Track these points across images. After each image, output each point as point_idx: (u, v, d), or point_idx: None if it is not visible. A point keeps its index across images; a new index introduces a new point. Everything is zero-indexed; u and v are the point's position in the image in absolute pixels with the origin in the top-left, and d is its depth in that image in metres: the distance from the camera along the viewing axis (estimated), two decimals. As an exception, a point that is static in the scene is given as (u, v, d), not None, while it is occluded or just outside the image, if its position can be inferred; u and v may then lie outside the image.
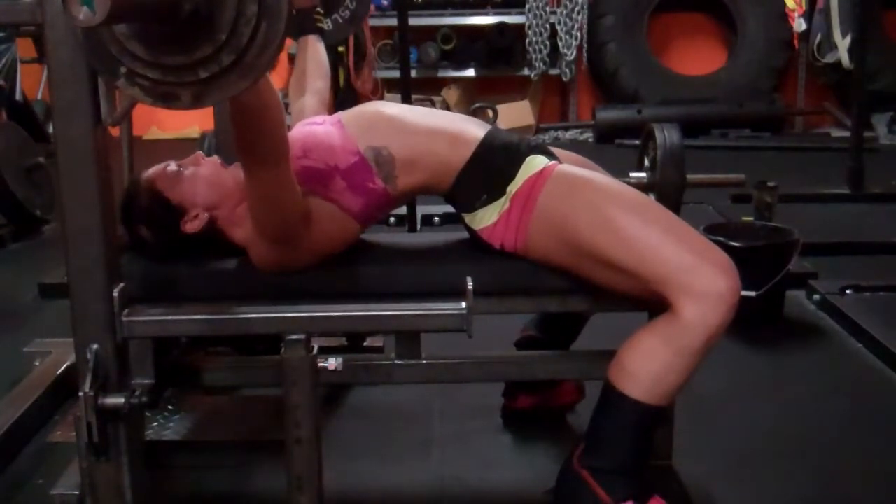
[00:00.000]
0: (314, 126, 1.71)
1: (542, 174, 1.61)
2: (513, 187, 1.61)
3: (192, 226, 1.63)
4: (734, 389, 2.24)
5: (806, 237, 2.64)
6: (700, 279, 1.49)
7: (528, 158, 1.64)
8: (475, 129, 1.69)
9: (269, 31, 1.19)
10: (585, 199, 1.58)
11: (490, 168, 1.64)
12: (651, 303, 1.58)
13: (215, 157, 1.73)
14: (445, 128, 1.68)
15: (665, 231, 1.54)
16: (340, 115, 1.73)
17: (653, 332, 1.53)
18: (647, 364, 1.51)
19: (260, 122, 1.43)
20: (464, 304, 1.52)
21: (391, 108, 1.74)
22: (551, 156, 1.70)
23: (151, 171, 1.67)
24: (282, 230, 1.57)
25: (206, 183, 1.64)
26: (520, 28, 6.01)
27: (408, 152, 1.64)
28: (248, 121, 1.42)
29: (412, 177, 1.66)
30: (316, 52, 2.13)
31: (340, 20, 2.52)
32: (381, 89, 6.07)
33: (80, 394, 1.41)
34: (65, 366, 2.22)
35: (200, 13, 1.17)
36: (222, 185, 1.65)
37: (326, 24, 2.20)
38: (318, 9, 2.16)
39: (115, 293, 1.44)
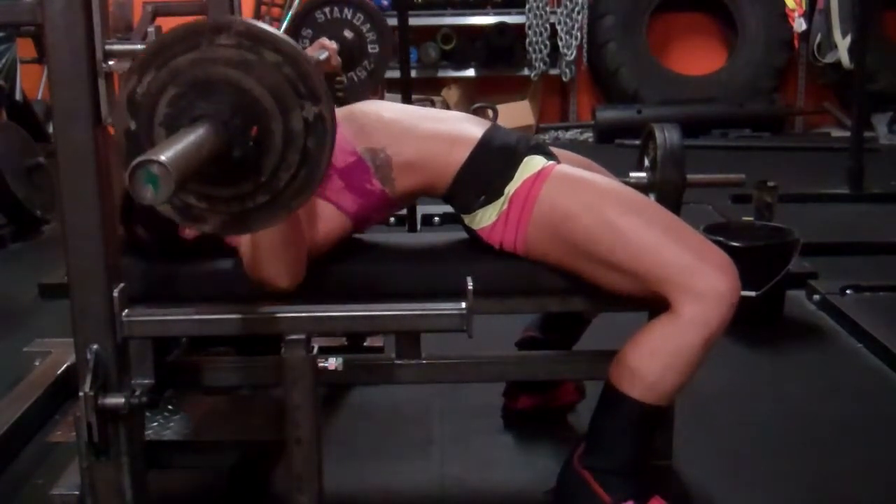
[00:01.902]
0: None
1: (540, 174, 1.61)
2: (511, 188, 1.61)
3: (190, 232, 1.64)
4: (734, 389, 2.24)
5: (806, 237, 2.64)
6: (700, 279, 1.49)
7: (526, 159, 1.64)
8: (473, 130, 1.68)
9: (307, 177, 1.25)
10: (584, 199, 1.58)
11: (487, 169, 1.63)
12: (651, 303, 1.58)
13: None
14: (442, 129, 1.68)
15: (665, 231, 1.55)
16: (336, 113, 1.72)
17: (653, 332, 1.53)
18: (648, 364, 1.51)
19: (277, 237, 1.49)
20: (464, 304, 1.52)
21: (387, 109, 1.73)
22: (550, 156, 1.70)
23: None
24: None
25: None
26: (520, 28, 6.01)
27: (405, 155, 1.64)
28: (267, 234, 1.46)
29: (410, 179, 1.65)
30: None
31: (356, 79, 2.54)
32: (381, 89, 6.06)
33: (80, 394, 1.41)
34: (65, 366, 2.22)
35: (247, 158, 1.22)
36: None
37: (344, 83, 2.22)
38: (340, 77, 2.17)
39: (115, 293, 1.44)
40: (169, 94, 1.22)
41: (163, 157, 1.05)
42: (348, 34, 2.56)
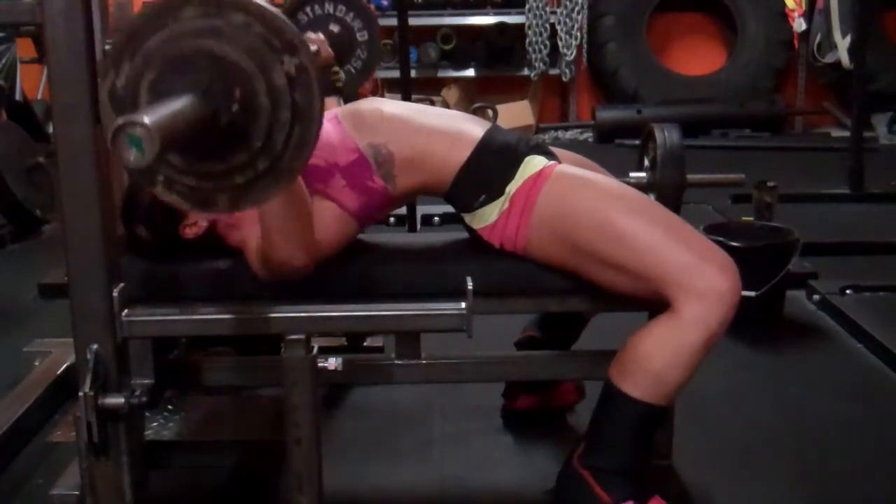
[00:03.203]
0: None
1: (541, 174, 1.61)
2: (512, 187, 1.61)
3: (190, 231, 1.64)
4: (734, 389, 2.24)
5: (806, 237, 2.64)
6: (701, 279, 1.49)
7: (527, 158, 1.64)
8: (474, 129, 1.68)
9: (303, 134, 1.22)
10: (585, 199, 1.58)
11: (488, 169, 1.63)
12: (651, 302, 1.58)
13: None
14: (444, 127, 1.68)
15: (665, 231, 1.55)
16: (337, 111, 1.72)
17: (654, 332, 1.53)
18: (648, 363, 1.51)
19: (286, 211, 1.48)
20: (464, 304, 1.52)
21: (389, 106, 1.73)
22: (551, 156, 1.70)
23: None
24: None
25: None
26: (520, 28, 6.01)
27: (407, 152, 1.64)
28: (276, 210, 1.47)
29: (411, 177, 1.65)
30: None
31: (353, 70, 2.54)
32: (380, 89, 6.07)
33: (80, 394, 1.41)
34: (65, 366, 2.22)
35: (236, 124, 1.20)
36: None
37: (341, 75, 2.22)
38: (335, 68, 2.17)
39: (115, 293, 1.44)
40: (147, 79, 1.20)
41: (144, 118, 1.03)
42: (334, 28, 2.55)
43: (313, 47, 2.12)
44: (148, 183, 1.25)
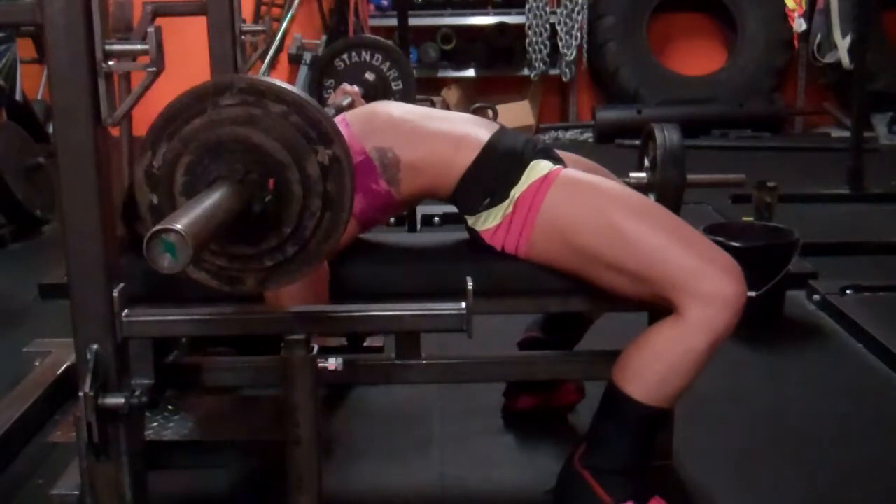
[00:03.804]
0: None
1: (546, 179, 1.61)
2: (516, 191, 1.61)
3: None
4: (734, 389, 2.24)
5: (806, 237, 2.64)
6: (706, 283, 1.49)
7: (532, 163, 1.64)
8: (480, 132, 1.68)
9: (332, 221, 1.26)
10: (590, 204, 1.58)
11: (493, 172, 1.63)
12: (652, 304, 1.58)
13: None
14: (450, 131, 1.68)
15: (671, 235, 1.54)
16: (346, 113, 1.73)
17: (658, 334, 1.53)
18: (652, 366, 1.51)
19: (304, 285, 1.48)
20: (464, 305, 1.51)
21: (398, 109, 1.73)
22: (557, 159, 1.70)
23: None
24: None
25: None
26: (520, 28, 6.01)
27: (412, 155, 1.64)
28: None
29: (416, 180, 1.65)
30: None
31: None
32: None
33: (80, 394, 1.41)
34: (65, 366, 2.21)
35: (269, 212, 1.24)
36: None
37: None
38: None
39: (115, 293, 1.44)
40: (184, 162, 1.24)
41: (177, 226, 1.05)
42: (370, 76, 2.60)
43: (347, 99, 2.14)
44: None
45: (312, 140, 1.23)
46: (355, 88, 2.21)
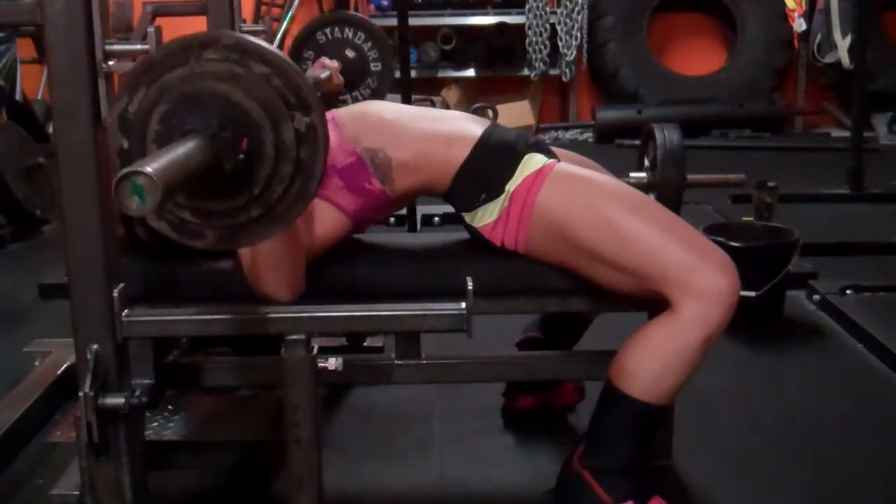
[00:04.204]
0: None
1: (540, 172, 1.61)
2: (511, 185, 1.61)
3: None
4: (734, 389, 2.24)
5: (806, 237, 2.64)
6: (700, 278, 1.49)
7: (526, 157, 1.64)
8: (472, 128, 1.69)
9: (302, 188, 1.25)
10: (585, 197, 1.58)
11: (488, 167, 1.63)
12: (651, 302, 1.58)
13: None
14: (440, 129, 1.68)
15: (665, 230, 1.55)
16: (335, 113, 1.72)
17: (653, 331, 1.53)
18: (648, 363, 1.51)
19: (278, 251, 1.50)
20: (464, 304, 1.52)
21: (389, 109, 1.73)
22: (550, 154, 1.70)
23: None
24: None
25: None
26: (520, 28, 6.01)
27: (404, 155, 1.64)
28: (269, 248, 1.48)
29: (409, 179, 1.65)
30: None
31: (360, 98, 2.55)
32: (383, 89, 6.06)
33: (80, 394, 1.41)
34: (65, 366, 2.21)
35: (239, 171, 1.22)
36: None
37: (347, 102, 2.24)
38: (343, 95, 2.18)
39: (115, 293, 1.44)
40: (160, 110, 1.23)
41: (147, 168, 1.05)
42: (350, 53, 2.58)
43: (325, 73, 2.13)
44: None
45: (291, 105, 1.22)
46: (335, 63, 2.19)
